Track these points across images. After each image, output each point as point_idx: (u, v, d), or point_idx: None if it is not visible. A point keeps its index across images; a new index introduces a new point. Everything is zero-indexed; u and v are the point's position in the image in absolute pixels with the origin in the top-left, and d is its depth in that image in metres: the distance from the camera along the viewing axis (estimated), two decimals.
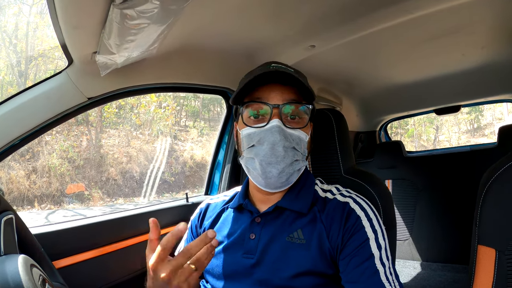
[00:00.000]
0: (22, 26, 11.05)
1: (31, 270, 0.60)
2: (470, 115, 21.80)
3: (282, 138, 0.87)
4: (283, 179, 0.90)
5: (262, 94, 0.91)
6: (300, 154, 0.92)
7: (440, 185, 2.74)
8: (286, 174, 0.89)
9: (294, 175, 0.93)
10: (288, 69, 0.92)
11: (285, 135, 0.88)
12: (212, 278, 0.98)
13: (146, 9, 0.72)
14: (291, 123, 0.91)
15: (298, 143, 0.90)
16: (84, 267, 1.12)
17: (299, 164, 0.92)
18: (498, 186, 0.93)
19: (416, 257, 2.75)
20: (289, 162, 0.89)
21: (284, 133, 0.88)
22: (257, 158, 0.90)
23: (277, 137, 0.87)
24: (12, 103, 0.97)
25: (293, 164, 0.90)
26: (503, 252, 0.89)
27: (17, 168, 9.09)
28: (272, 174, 0.88)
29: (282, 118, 0.89)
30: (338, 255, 0.86)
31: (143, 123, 12.22)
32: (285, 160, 0.88)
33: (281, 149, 0.87)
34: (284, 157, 0.88)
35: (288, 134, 0.89)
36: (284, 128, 0.88)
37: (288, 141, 0.88)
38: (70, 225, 1.12)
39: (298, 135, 0.90)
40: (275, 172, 0.88)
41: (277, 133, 0.87)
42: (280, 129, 0.87)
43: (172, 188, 11.56)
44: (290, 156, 0.88)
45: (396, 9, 1.23)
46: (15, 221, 0.75)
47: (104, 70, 1.00)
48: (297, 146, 0.90)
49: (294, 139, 0.90)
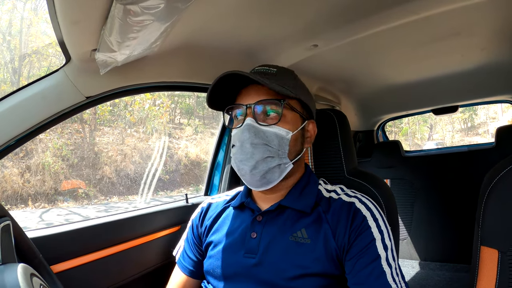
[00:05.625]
0: (16, 23, 10.95)
1: (31, 279, 0.57)
2: (464, 114, 22.05)
3: (252, 135, 0.89)
4: (257, 176, 0.90)
5: (242, 97, 0.95)
6: (274, 151, 0.90)
7: (438, 184, 2.75)
8: (260, 171, 0.89)
9: (273, 173, 0.91)
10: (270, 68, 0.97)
11: (255, 132, 0.89)
12: (213, 278, 0.97)
13: (151, 5, 0.69)
14: (266, 120, 0.92)
15: (271, 139, 0.90)
16: (82, 271, 1.10)
17: (275, 160, 0.90)
18: (501, 187, 0.93)
19: (414, 257, 2.76)
20: (259, 158, 0.89)
21: (255, 130, 0.89)
22: (233, 157, 0.93)
23: (246, 135, 0.89)
24: (7, 103, 0.94)
25: (266, 161, 0.89)
26: (506, 253, 0.89)
27: (11, 167, 9.02)
28: (244, 171, 0.91)
29: (256, 117, 0.91)
30: (344, 255, 0.86)
31: (137, 121, 12.19)
32: (254, 157, 0.88)
33: (248, 145, 0.89)
34: (253, 153, 0.89)
35: (260, 131, 0.89)
36: (255, 125, 0.90)
37: (257, 138, 0.89)
38: (67, 228, 1.09)
39: (274, 132, 0.90)
40: (247, 169, 0.90)
41: (246, 131, 0.89)
42: (250, 127, 0.89)
43: (167, 186, 11.55)
44: (259, 153, 0.89)
45: (400, 9, 1.22)
46: (12, 227, 0.73)
47: (103, 68, 0.98)
48: (270, 142, 0.90)
49: (268, 136, 0.90)
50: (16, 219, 0.79)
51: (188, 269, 1.08)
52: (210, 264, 0.98)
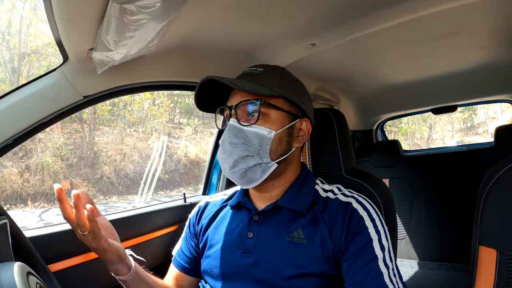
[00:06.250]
0: (15, 22, 10.95)
1: (27, 278, 0.57)
2: (463, 113, 22.05)
3: (231, 135, 0.91)
4: (237, 174, 0.91)
5: (229, 99, 0.97)
6: (253, 150, 0.90)
7: (437, 184, 2.75)
8: (239, 169, 0.90)
9: (254, 172, 0.91)
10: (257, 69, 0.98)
11: (234, 133, 0.91)
12: (210, 278, 0.97)
13: (147, 4, 0.69)
14: (248, 120, 0.92)
15: (251, 139, 0.90)
16: (80, 270, 1.10)
17: (254, 159, 0.90)
18: (499, 187, 0.93)
19: (413, 256, 2.75)
20: (238, 157, 0.89)
21: (235, 130, 0.91)
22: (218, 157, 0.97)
23: (226, 134, 0.92)
24: (4, 102, 0.94)
25: (245, 160, 0.90)
26: (504, 253, 0.89)
27: (10, 166, 9.02)
28: (225, 170, 0.93)
29: (238, 117, 0.92)
30: (341, 256, 0.86)
31: (136, 121, 12.18)
32: (232, 156, 0.90)
33: (227, 145, 0.91)
34: (231, 152, 0.90)
35: (241, 131, 0.91)
36: (237, 126, 0.91)
37: (236, 137, 0.90)
38: (65, 227, 1.09)
39: (254, 131, 0.90)
40: (227, 167, 0.92)
41: (227, 131, 0.92)
42: (231, 127, 0.92)
43: (166, 185, 11.55)
44: (237, 152, 0.90)
45: (398, 8, 1.21)
46: (9, 226, 0.73)
47: (100, 68, 0.98)
48: (250, 142, 0.90)
49: (248, 136, 0.90)
50: (15, 219, 0.79)
51: (181, 265, 1.08)
52: (207, 264, 0.98)
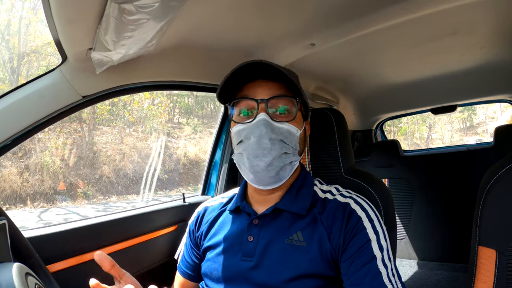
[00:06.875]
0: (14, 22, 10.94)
1: (26, 279, 0.57)
2: (463, 113, 22.06)
3: (269, 130, 0.87)
4: (271, 173, 0.88)
5: (250, 91, 0.92)
6: (289, 148, 0.90)
7: (436, 184, 2.74)
8: (274, 167, 0.87)
9: (285, 170, 0.91)
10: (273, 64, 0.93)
11: (271, 128, 0.87)
12: (210, 281, 0.97)
13: (146, 3, 0.69)
14: (279, 117, 0.90)
15: (286, 136, 0.89)
16: (78, 271, 1.10)
17: (289, 157, 0.90)
18: (499, 187, 0.93)
19: (412, 256, 2.75)
20: (277, 154, 0.87)
21: (271, 126, 0.88)
22: (245, 153, 0.90)
23: (263, 129, 0.87)
24: (3, 102, 0.94)
25: (282, 158, 0.88)
26: (503, 253, 0.89)
27: (9, 166, 9.01)
28: (259, 168, 0.87)
29: (269, 112, 0.89)
30: (339, 257, 0.85)
31: (136, 120, 12.17)
32: (272, 153, 0.87)
33: (267, 141, 0.86)
34: (271, 149, 0.86)
35: (276, 127, 0.88)
36: (270, 122, 0.88)
37: (275, 133, 0.87)
38: (64, 227, 1.09)
39: (288, 129, 0.89)
40: (262, 165, 0.87)
41: (263, 126, 0.87)
42: (266, 122, 0.87)
43: (166, 185, 11.55)
44: (277, 149, 0.87)
45: (398, 8, 1.21)
46: (8, 226, 0.72)
47: (99, 68, 0.97)
48: (286, 139, 0.89)
49: (282, 132, 0.89)
50: (14, 219, 0.79)
51: (186, 273, 1.09)
52: (208, 267, 0.98)
